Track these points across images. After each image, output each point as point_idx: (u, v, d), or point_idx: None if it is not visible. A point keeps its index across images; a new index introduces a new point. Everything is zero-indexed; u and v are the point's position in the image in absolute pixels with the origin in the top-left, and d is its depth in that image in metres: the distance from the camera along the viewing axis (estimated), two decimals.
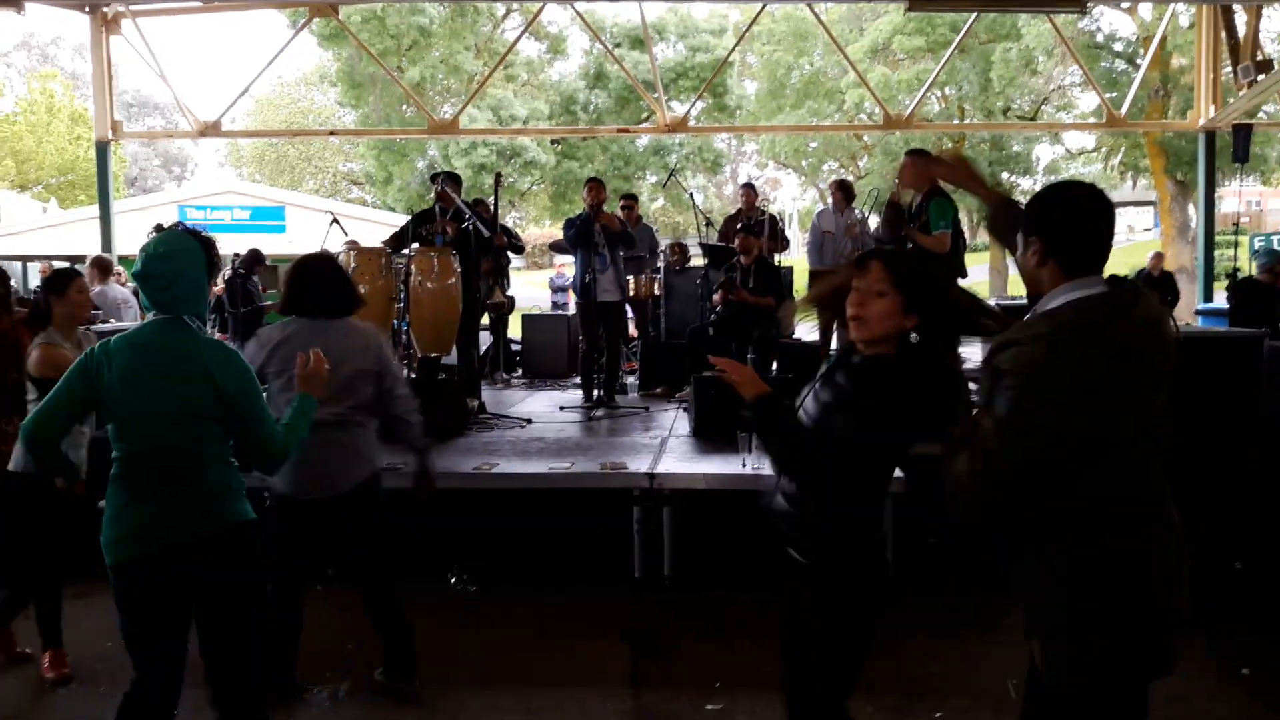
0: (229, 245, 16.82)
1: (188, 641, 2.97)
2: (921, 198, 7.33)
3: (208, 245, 3.03)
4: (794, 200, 37.28)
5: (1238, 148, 9.02)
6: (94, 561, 3.12)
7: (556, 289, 19.57)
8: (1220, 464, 5.43)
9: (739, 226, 9.01)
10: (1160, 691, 4.10)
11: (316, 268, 4.08)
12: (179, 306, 2.94)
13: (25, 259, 21.44)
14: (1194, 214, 24.05)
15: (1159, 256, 9.08)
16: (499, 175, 9.15)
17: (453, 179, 8.31)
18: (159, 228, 3.09)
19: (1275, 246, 12.45)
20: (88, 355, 2.92)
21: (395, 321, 7.63)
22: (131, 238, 17.62)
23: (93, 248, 12.68)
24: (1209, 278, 12.84)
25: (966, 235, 8.90)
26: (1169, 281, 9.31)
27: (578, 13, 14.38)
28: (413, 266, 7.47)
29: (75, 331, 4.35)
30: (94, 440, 4.06)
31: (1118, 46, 24.28)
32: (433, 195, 8.23)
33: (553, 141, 27.31)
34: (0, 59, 46.05)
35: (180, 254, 2.94)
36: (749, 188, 10.13)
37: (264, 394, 3.09)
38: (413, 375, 7.72)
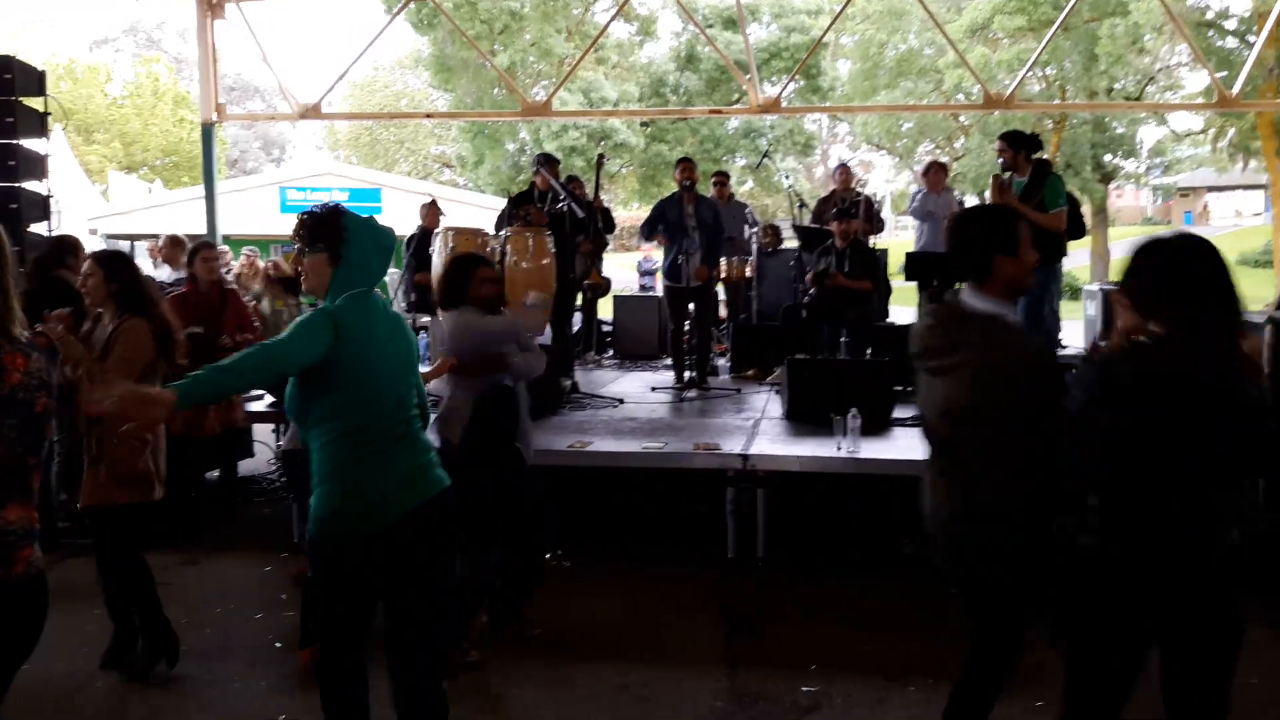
0: None
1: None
2: (1032, 175, 7.21)
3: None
4: (887, 183, 36.64)
5: None
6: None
7: (644, 272, 19.56)
8: None
9: (834, 209, 8.86)
10: None
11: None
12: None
13: (133, 238, 22.19)
14: None
15: None
16: (601, 156, 9.19)
17: (550, 161, 8.38)
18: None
19: None
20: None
21: None
22: (233, 217, 18.15)
23: (197, 226, 13.01)
24: None
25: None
26: None
27: None
28: (508, 247, 7.54)
29: None
30: None
31: (1229, 24, 23.34)
32: (531, 178, 8.32)
33: (643, 124, 27.28)
34: (109, 44, 47.71)
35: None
36: (844, 169, 9.95)
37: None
38: None
